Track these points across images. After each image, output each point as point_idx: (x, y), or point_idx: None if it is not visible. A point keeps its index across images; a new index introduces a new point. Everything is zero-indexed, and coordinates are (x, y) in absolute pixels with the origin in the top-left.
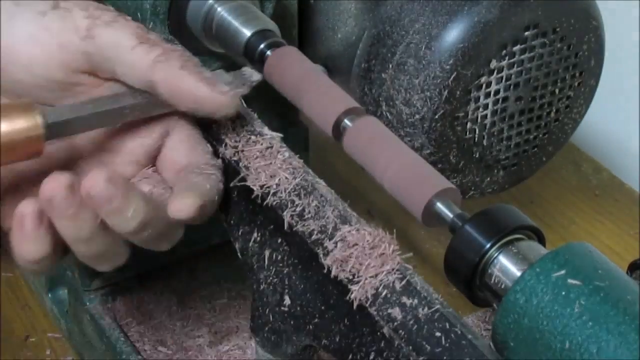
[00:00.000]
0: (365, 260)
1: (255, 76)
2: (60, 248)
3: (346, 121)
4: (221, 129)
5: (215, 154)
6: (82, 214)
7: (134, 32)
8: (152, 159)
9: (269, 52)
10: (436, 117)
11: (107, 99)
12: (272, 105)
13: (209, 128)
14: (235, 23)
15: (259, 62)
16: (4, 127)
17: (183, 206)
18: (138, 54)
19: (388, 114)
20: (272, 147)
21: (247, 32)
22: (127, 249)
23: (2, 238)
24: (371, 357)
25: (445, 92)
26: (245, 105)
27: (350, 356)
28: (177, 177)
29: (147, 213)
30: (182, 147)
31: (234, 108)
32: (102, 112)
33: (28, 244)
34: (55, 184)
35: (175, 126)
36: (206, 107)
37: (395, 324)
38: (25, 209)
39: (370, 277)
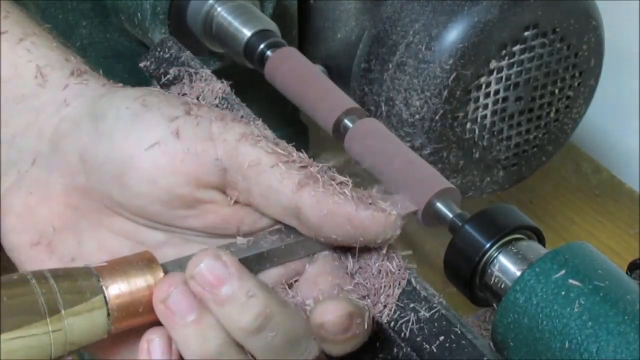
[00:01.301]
0: (373, 271)
1: (411, 207)
2: None
3: (346, 121)
4: None
5: None
6: (205, 319)
7: (274, 149)
8: (288, 282)
9: (269, 52)
10: (436, 117)
11: (243, 241)
12: (272, 105)
13: None
14: (235, 23)
15: (258, 62)
16: (121, 289)
17: (332, 307)
18: (283, 174)
19: (388, 114)
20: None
21: (247, 32)
22: None
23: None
24: (371, 356)
25: (445, 92)
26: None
27: (350, 356)
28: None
29: (266, 304)
30: (326, 275)
31: (399, 229)
32: (247, 257)
33: None
34: (170, 280)
35: (320, 253)
36: (367, 232)
37: (395, 323)
38: (152, 334)
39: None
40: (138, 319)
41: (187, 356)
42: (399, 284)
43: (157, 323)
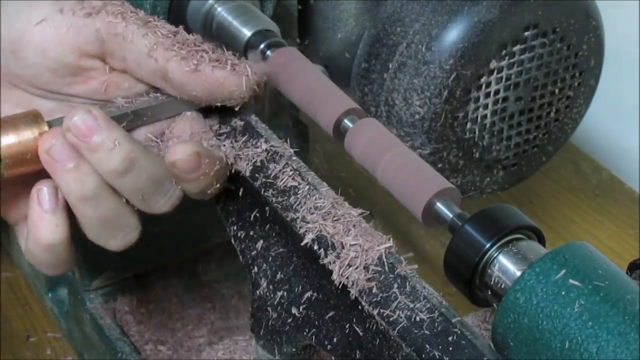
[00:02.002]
0: (369, 264)
1: (259, 67)
2: (72, 241)
3: (346, 122)
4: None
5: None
6: (82, 166)
7: (147, 22)
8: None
9: (269, 52)
10: (436, 117)
11: (121, 102)
12: (272, 105)
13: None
14: (235, 23)
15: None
16: (11, 139)
17: (181, 147)
18: (150, 42)
19: (388, 114)
20: (276, 148)
21: (247, 32)
22: (137, 219)
23: (2, 236)
24: (371, 357)
25: (445, 92)
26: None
27: (350, 356)
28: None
29: (130, 149)
30: (186, 124)
31: (252, 89)
32: (120, 115)
33: (47, 222)
34: (52, 133)
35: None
36: (222, 89)
37: (395, 324)
38: (41, 184)
39: (370, 279)
40: (27, 167)
41: (69, 199)
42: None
43: (44, 174)
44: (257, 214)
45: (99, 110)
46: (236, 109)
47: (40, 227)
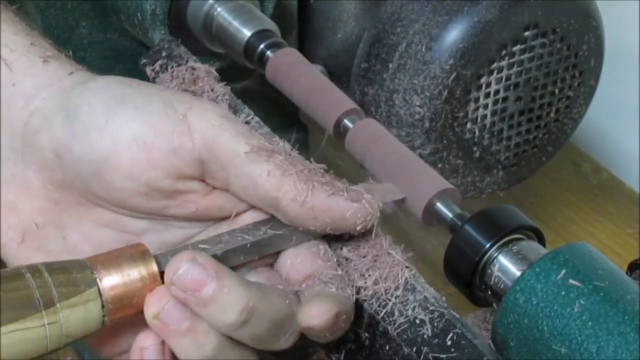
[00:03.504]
0: (378, 264)
1: (398, 195)
2: None
3: (346, 122)
4: None
5: None
6: (198, 326)
7: (256, 140)
8: (268, 264)
9: (269, 52)
10: (436, 117)
11: (222, 237)
12: (273, 105)
13: None
14: (235, 23)
15: (258, 62)
16: (115, 280)
17: (318, 310)
18: (260, 167)
19: (388, 114)
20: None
21: (247, 32)
22: (255, 354)
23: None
24: (371, 357)
25: (445, 92)
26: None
27: (350, 356)
28: (305, 286)
29: (248, 298)
30: (305, 254)
31: (375, 218)
32: (226, 252)
33: None
34: (158, 295)
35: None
36: (346, 222)
37: (395, 324)
38: (145, 342)
39: (374, 283)
40: (132, 310)
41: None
42: (397, 279)
43: None
44: None
45: (206, 257)
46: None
47: None
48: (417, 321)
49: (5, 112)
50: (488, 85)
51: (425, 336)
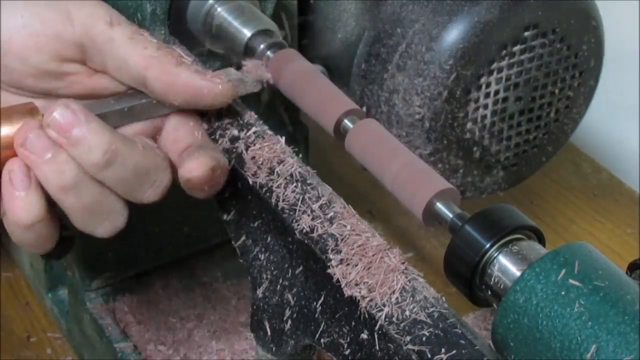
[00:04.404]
0: (373, 271)
1: (264, 74)
2: (55, 216)
3: (346, 122)
4: (224, 124)
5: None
6: (60, 156)
7: (128, 29)
8: (151, 138)
9: (269, 52)
10: (436, 117)
11: (108, 101)
12: (272, 105)
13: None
14: (235, 23)
15: None
16: (6, 131)
17: (196, 163)
18: (131, 50)
19: (388, 114)
20: (275, 146)
21: (247, 32)
22: (123, 204)
23: (2, 236)
24: (371, 356)
25: (445, 92)
26: (248, 108)
27: (350, 356)
28: (185, 153)
29: (111, 141)
30: (183, 127)
31: (230, 97)
32: (107, 113)
33: (21, 203)
34: (26, 126)
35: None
36: (203, 98)
37: (395, 324)
38: (12, 165)
39: (378, 287)
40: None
41: (49, 190)
42: (393, 286)
43: None
44: (258, 214)
45: (78, 104)
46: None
47: (16, 208)
48: (417, 321)
49: None
50: (488, 85)
51: (425, 336)
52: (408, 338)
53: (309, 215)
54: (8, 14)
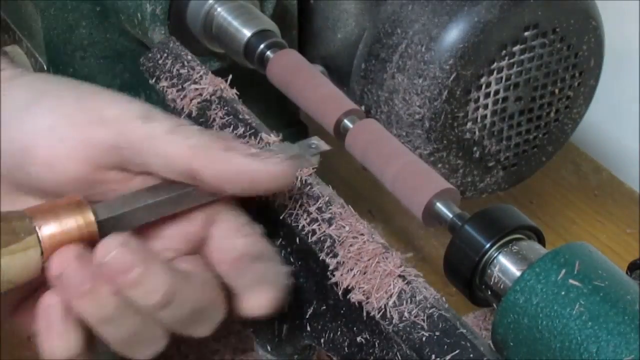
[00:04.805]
0: (369, 275)
1: (323, 146)
2: (93, 344)
3: (346, 122)
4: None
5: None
6: (100, 288)
7: (166, 122)
8: (195, 249)
9: (269, 53)
10: (436, 117)
11: (154, 190)
12: (273, 105)
13: None
14: (235, 23)
15: (258, 62)
16: (53, 229)
17: (261, 301)
18: (174, 143)
19: (388, 114)
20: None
21: (247, 32)
22: (164, 330)
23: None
24: (371, 357)
25: (445, 92)
26: (247, 109)
27: (350, 356)
28: (237, 269)
29: (171, 284)
30: (233, 234)
31: (291, 177)
32: (155, 203)
33: (58, 339)
34: (63, 257)
35: (219, 212)
36: (262, 184)
37: (395, 324)
38: (51, 300)
39: (374, 291)
40: None
41: (87, 320)
42: (389, 290)
43: None
44: (258, 215)
45: (135, 242)
46: None
47: (53, 344)
48: (417, 321)
49: None
50: (488, 85)
51: (425, 336)
52: (408, 339)
53: (308, 216)
54: (32, 116)
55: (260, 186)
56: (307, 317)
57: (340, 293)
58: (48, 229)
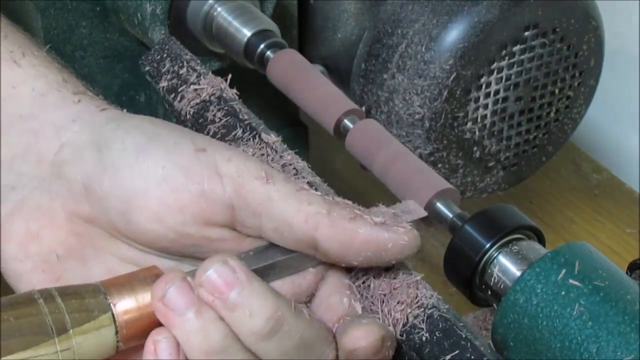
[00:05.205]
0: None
1: (420, 212)
2: None
3: (346, 122)
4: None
5: None
6: (205, 314)
7: (287, 185)
8: (301, 301)
9: (269, 53)
10: (436, 117)
11: (256, 252)
12: (272, 105)
13: None
14: (235, 23)
15: (258, 62)
16: (129, 304)
17: (364, 332)
18: (294, 208)
19: (388, 114)
20: (276, 148)
21: (247, 32)
22: None
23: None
24: None
25: (445, 92)
26: (247, 109)
27: None
28: (344, 323)
29: (277, 307)
30: (339, 295)
31: (417, 247)
32: (259, 269)
33: None
34: (167, 277)
35: (329, 271)
36: (387, 253)
37: (395, 324)
38: (158, 335)
39: (373, 292)
40: (147, 335)
41: (191, 354)
42: (409, 302)
43: None
44: None
45: (238, 261)
46: None
47: None
48: (417, 321)
49: (33, 141)
50: (488, 85)
51: (426, 337)
52: (408, 339)
53: None
54: (145, 162)
55: (386, 256)
56: None
57: None
58: (123, 305)
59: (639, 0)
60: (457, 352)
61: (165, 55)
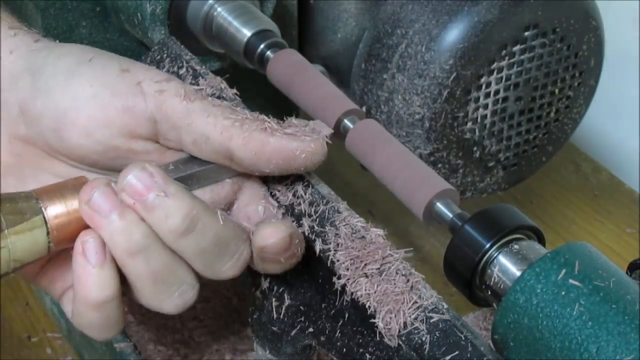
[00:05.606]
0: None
1: (326, 129)
2: (121, 296)
3: (346, 122)
4: None
5: None
6: (128, 216)
7: (204, 101)
8: (220, 208)
9: (269, 53)
10: (436, 117)
11: (182, 164)
12: (272, 104)
13: None
14: (235, 23)
15: (258, 62)
16: (59, 209)
17: (273, 230)
18: (211, 122)
19: (388, 114)
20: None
21: (247, 32)
22: (194, 277)
23: None
24: (371, 357)
25: (445, 92)
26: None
27: (349, 356)
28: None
29: (192, 206)
30: (256, 202)
31: (324, 154)
32: (180, 177)
33: (93, 278)
34: (93, 184)
35: (246, 181)
36: (296, 161)
37: (395, 324)
38: (86, 236)
39: (374, 293)
40: (75, 237)
41: (116, 254)
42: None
43: None
44: None
45: (156, 167)
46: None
47: (88, 284)
48: (417, 322)
49: None
50: (488, 85)
51: (426, 337)
52: (408, 339)
53: (308, 217)
54: (76, 83)
55: (295, 164)
56: (307, 317)
57: (339, 292)
58: (54, 210)
59: (639, 0)
60: (457, 352)
61: (165, 55)
